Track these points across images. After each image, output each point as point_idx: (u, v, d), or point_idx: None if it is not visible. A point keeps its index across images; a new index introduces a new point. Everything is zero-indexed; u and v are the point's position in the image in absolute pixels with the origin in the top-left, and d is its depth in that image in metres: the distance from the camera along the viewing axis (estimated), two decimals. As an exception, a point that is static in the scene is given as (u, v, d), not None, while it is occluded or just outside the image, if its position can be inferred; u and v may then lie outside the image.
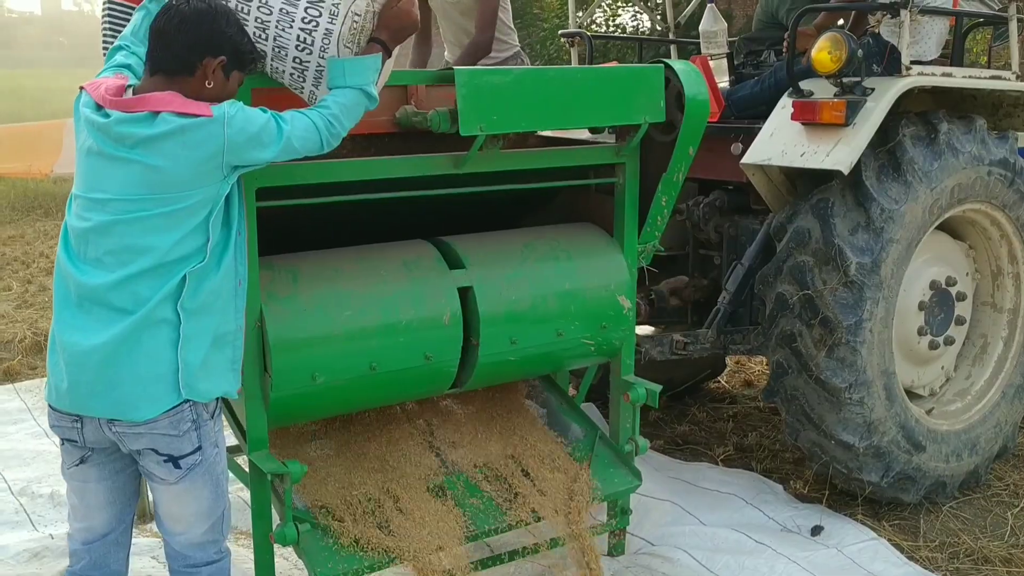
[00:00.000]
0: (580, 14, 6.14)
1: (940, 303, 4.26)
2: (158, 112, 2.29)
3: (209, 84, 2.41)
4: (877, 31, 4.17)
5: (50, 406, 2.48)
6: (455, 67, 3.01)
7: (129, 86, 2.40)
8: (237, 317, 2.52)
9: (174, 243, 2.33)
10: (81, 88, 2.44)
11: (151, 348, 2.35)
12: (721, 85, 4.84)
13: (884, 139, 3.88)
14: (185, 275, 2.35)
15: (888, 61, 4.10)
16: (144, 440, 2.40)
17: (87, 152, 2.37)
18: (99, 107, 2.35)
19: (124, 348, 2.33)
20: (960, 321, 4.38)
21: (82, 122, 2.38)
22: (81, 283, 2.36)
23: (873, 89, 3.84)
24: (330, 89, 2.59)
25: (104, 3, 3.28)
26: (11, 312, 7.45)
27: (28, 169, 14.51)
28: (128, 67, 2.56)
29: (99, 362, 2.33)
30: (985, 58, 7.49)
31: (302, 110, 2.51)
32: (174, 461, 2.44)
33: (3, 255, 9.59)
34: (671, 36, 5.87)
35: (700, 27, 5.14)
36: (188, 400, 2.41)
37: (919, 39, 4.26)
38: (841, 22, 4.86)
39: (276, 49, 2.63)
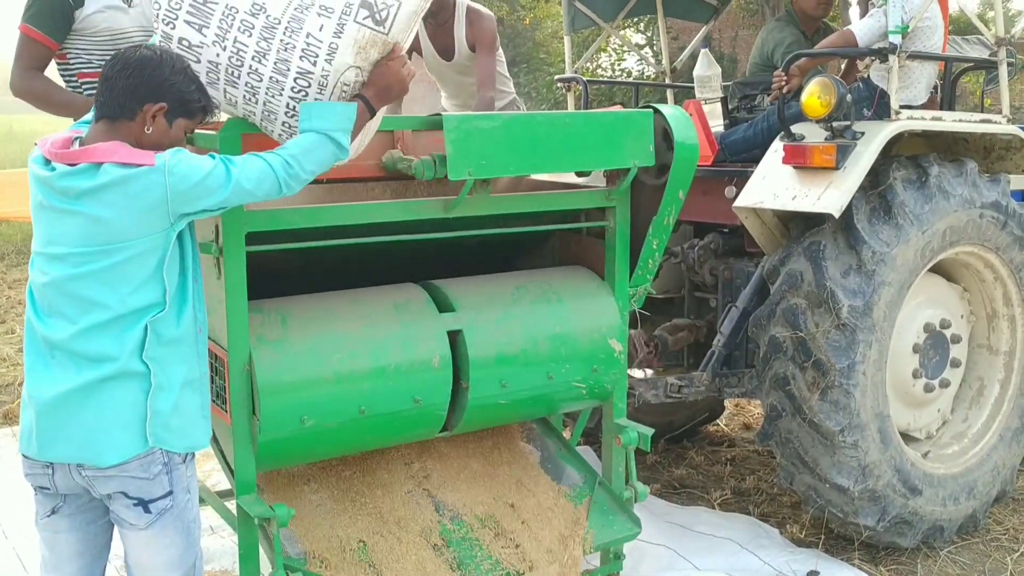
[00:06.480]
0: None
1: (935, 345, 4.25)
2: (101, 163, 2.30)
3: (148, 130, 2.40)
4: (866, 76, 4.22)
5: (23, 456, 2.47)
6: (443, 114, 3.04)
7: (76, 139, 2.41)
8: (201, 364, 2.54)
9: (127, 295, 2.34)
10: (36, 144, 2.45)
11: (119, 397, 2.36)
12: (715, 129, 4.89)
13: (875, 182, 3.90)
14: (146, 325, 2.36)
15: (878, 105, 4.15)
16: (114, 483, 2.40)
17: (38, 207, 2.39)
18: (47, 161, 2.36)
19: (90, 395, 2.34)
20: (955, 363, 4.37)
21: (31, 178, 2.39)
22: (46, 336, 2.38)
23: (863, 133, 3.87)
24: (300, 133, 2.57)
25: None
26: (13, 355, 7.46)
27: (35, 213, 14.61)
28: None
29: (65, 408, 2.35)
30: (989, 100, 7.54)
31: (260, 153, 2.48)
32: (144, 505, 2.42)
33: (8, 298, 9.63)
34: (667, 81, 5.93)
35: (694, 72, 5.20)
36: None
37: (908, 84, 4.30)
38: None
39: (266, 113, 2.65)
